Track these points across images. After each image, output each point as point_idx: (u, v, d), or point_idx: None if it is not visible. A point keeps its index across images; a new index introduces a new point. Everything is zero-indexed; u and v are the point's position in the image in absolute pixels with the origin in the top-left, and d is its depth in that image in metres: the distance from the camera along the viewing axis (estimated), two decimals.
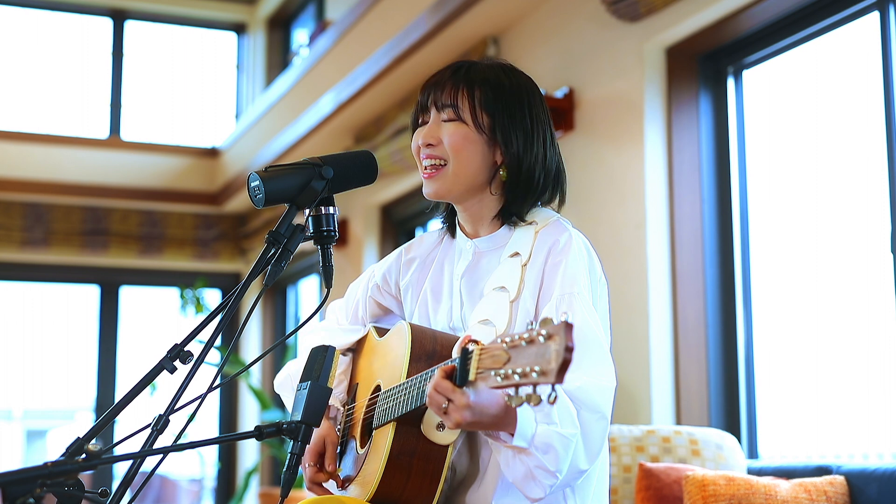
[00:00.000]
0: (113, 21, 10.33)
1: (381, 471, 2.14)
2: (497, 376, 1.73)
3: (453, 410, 1.94)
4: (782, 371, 4.53)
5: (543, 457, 1.99)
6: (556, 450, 1.99)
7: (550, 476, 2.00)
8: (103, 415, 1.93)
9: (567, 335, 1.63)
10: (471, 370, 1.84)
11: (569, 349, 1.62)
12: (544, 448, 1.99)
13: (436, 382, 1.96)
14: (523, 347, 1.71)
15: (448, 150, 2.29)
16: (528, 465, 2.00)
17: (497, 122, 2.28)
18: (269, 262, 2.04)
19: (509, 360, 1.72)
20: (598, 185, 4.97)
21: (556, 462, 1.99)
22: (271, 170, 2.09)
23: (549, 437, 1.98)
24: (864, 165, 4.23)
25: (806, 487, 3.46)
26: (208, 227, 10.04)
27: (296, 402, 2.05)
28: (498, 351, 1.76)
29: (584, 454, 2.04)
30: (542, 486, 2.02)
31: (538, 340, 1.67)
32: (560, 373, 1.62)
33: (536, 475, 2.01)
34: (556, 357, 1.63)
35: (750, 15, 4.45)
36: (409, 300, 2.48)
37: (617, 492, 3.76)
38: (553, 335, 1.65)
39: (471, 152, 2.28)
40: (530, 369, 1.66)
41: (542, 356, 1.65)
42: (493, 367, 1.76)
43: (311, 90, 7.66)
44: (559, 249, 2.22)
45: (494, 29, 5.77)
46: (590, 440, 2.05)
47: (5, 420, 12.44)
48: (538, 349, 1.67)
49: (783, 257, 4.58)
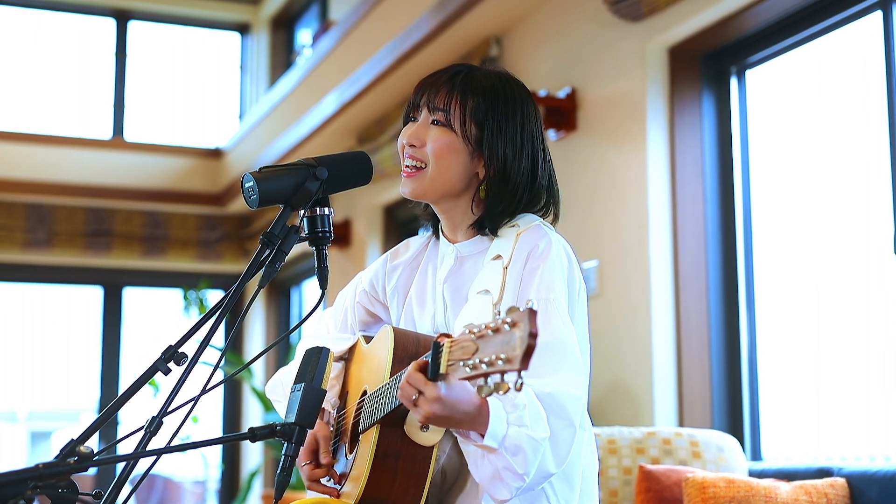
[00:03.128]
0: (116, 21, 10.34)
1: (366, 473, 2.14)
2: (466, 367, 1.73)
3: (423, 402, 1.93)
4: (785, 372, 4.51)
5: (512, 458, 1.98)
6: (525, 452, 1.98)
7: (518, 478, 1.99)
8: (97, 417, 1.92)
9: (531, 321, 1.63)
10: (442, 362, 1.84)
11: (532, 335, 1.62)
12: (514, 450, 1.98)
13: (408, 374, 1.96)
14: (490, 337, 1.71)
15: (430, 154, 2.28)
16: (497, 465, 1.99)
17: (485, 135, 2.26)
18: (264, 263, 2.03)
19: (477, 350, 1.72)
20: (601, 185, 4.95)
21: (524, 464, 1.98)
22: (265, 170, 2.08)
23: (519, 440, 1.97)
24: (867, 165, 4.21)
25: (806, 490, 3.45)
26: (212, 228, 10.04)
27: (290, 403, 2.04)
28: (467, 342, 1.76)
29: (552, 458, 2.03)
30: (508, 488, 2.01)
31: (503, 329, 1.68)
32: (525, 359, 1.62)
33: (504, 476, 2.00)
34: (521, 343, 1.63)
35: (752, 14, 4.43)
36: (396, 305, 2.47)
37: (617, 494, 3.74)
38: (517, 322, 1.65)
39: (452, 161, 2.27)
40: (496, 357, 1.67)
41: (507, 344, 1.66)
42: (461, 358, 1.76)
43: (314, 90, 7.66)
44: (538, 254, 2.20)
45: (497, 29, 5.76)
46: (558, 446, 2.04)
47: (10, 422, 12.45)
48: (504, 337, 1.67)
49: (786, 258, 4.56)
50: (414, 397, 1.94)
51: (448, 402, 1.93)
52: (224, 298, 2.01)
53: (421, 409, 1.94)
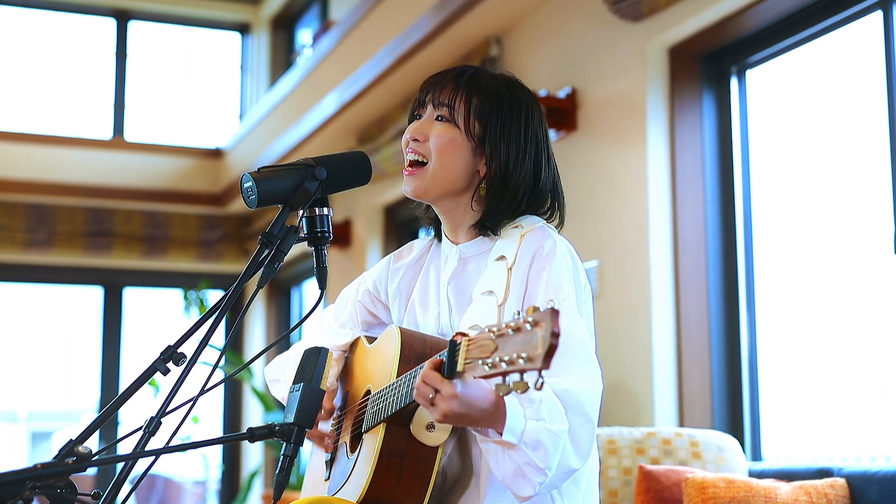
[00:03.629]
0: (116, 21, 10.33)
1: (371, 472, 2.13)
2: (485, 365, 1.72)
3: (440, 401, 1.92)
4: (786, 372, 4.50)
5: (533, 453, 1.96)
6: (545, 446, 1.97)
7: (540, 473, 1.98)
8: (95, 418, 1.92)
9: (553, 321, 1.63)
10: (459, 361, 1.83)
11: (555, 334, 1.62)
12: (534, 444, 1.96)
13: (424, 373, 1.95)
14: (510, 336, 1.70)
15: (432, 149, 2.28)
16: (518, 461, 1.98)
17: (488, 132, 2.27)
18: (262, 263, 2.03)
19: (497, 349, 1.72)
20: (601, 185, 4.95)
21: (545, 459, 1.97)
22: (264, 171, 2.08)
23: (538, 434, 1.96)
24: (867, 166, 4.20)
25: (806, 490, 3.44)
26: (212, 228, 10.04)
27: (288, 403, 2.04)
28: (486, 341, 1.75)
29: (573, 453, 2.02)
30: (531, 484, 1.99)
31: (525, 328, 1.67)
32: (547, 358, 1.62)
33: (526, 472, 1.98)
34: (543, 343, 1.62)
35: (753, 14, 4.43)
36: (398, 307, 2.47)
37: (617, 494, 3.74)
38: (539, 322, 1.65)
39: (454, 156, 2.27)
40: (517, 356, 1.66)
41: (528, 343, 1.65)
42: (480, 356, 1.75)
43: (314, 90, 7.66)
44: (543, 255, 2.19)
45: (497, 29, 5.76)
46: (578, 441, 2.03)
47: (10, 422, 12.45)
48: (525, 336, 1.66)
49: (786, 258, 4.56)
50: (431, 396, 1.93)
51: (465, 400, 1.92)
52: (222, 299, 2.01)
53: (438, 407, 1.93)
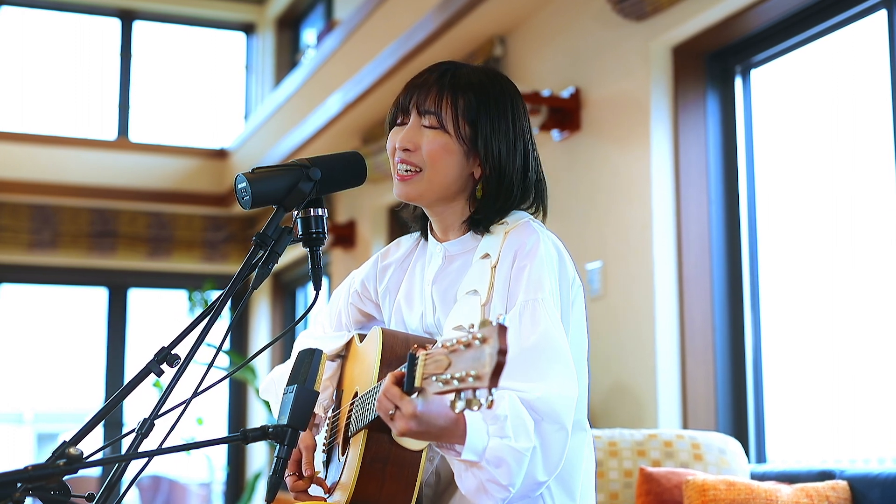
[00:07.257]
0: (121, 21, 10.34)
1: (354, 479, 2.12)
2: (438, 382, 1.69)
3: (399, 418, 1.91)
4: (790, 374, 4.48)
5: (495, 470, 1.95)
6: (508, 464, 1.95)
7: (503, 490, 1.96)
8: (89, 419, 1.91)
9: (501, 338, 1.59)
10: (416, 376, 1.80)
11: (502, 352, 1.58)
12: (496, 462, 1.95)
13: (385, 387, 1.93)
14: (462, 351, 1.67)
15: (426, 158, 2.24)
16: (480, 478, 1.97)
17: (479, 133, 2.24)
18: (256, 265, 2.01)
19: (450, 365, 1.69)
20: (604, 185, 4.93)
21: (508, 476, 1.95)
22: (258, 171, 2.07)
23: (501, 451, 1.94)
24: (872, 165, 4.18)
25: (808, 492, 3.42)
26: (217, 228, 10.03)
27: (282, 405, 2.02)
28: (440, 356, 1.73)
29: (542, 466, 2.00)
30: (493, 500, 1.98)
31: (474, 344, 1.64)
32: (494, 377, 1.59)
33: (489, 489, 1.97)
34: (490, 361, 1.59)
35: (757, 13, 4.41)
36: (387, 305, 2.45)
37: (618, 496, 3.72)
38: (487, 338, 1.61)
39: (448, 162, 2.24)
40: (467, 374, 1.63)
41: (477, 360, 1.62)
42: (435, 372, 1.72)
43: (318, 90, 7.65)
44: (525, 253, 2.17)
45: (500, 28, 5.75)
46: (549, 452, 2.00)
47: (16, 423, 12.47)
48: (474, 353, 1.63)
49: (791, 259, 4.54)
50: (391, 412, 1.92)
51: (424, 419, 1.90)
52: (216, 300, 2.00)
53: (397, 424, 1.92)
